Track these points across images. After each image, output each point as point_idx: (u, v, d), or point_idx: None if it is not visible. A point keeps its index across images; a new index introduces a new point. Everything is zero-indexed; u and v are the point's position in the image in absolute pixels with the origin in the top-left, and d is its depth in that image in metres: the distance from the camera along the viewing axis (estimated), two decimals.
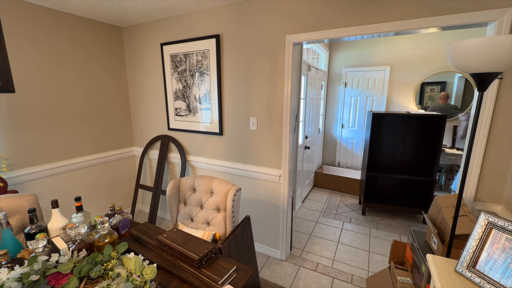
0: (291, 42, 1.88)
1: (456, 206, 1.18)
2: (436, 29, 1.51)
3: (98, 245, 1.08)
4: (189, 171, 2.71)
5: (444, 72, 3.46)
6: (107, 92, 2.71)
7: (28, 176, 2.13)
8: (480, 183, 1.56)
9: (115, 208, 1.35)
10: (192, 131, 2.56)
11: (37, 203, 1.45)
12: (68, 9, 2.21)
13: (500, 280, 0.87)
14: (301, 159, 3.25)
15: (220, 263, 1.07)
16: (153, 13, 2.31)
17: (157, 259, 1.12)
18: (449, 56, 1.08)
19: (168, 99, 2.64)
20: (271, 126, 2.11)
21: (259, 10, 1.96)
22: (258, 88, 2.10)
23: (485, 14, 1.36)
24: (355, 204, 3.53)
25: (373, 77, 3.96)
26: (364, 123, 4.19)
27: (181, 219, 1.79)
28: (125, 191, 3.04)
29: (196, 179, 1.79)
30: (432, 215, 1.52)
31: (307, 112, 3.34)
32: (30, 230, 1.12)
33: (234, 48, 2.14)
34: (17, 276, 0.80)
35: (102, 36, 2.59)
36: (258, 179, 2.26)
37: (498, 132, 1.47)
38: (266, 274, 2.14)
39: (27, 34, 2.04)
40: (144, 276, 0.85)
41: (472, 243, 0.96)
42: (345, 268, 2.20)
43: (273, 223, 2.29)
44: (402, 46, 3.66)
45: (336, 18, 1.72)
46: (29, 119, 2.12)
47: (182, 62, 2.44)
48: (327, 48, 4.11)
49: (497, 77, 1.03)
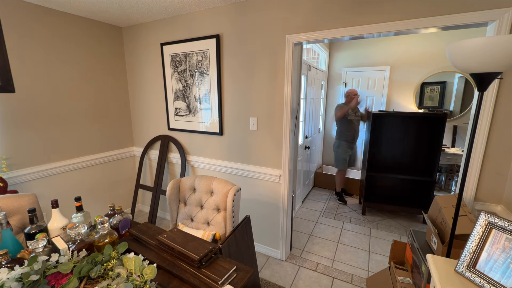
0: (291, 42, 1.88)
1: (456, 206, 1.18)
2: (436, 29, 1.51)
3: (98, 245, 1.08)
4: (189, 171, 2.71)
5: (444, 72, 3.46)
6: (107, 92, 2.71)
7: (28, 176, 2.13)
8: (480, 183, 1.56)
9: (115, 208, 1.35)
10: (192, 131, 2.56)
11: (37, 203, 1.45)
12: (68, 9, 2.21)
13: (500, 280, 0.87)
14: (301, 159, 3.25)
15: (220, 263, 1.07)
16: (153, 13, 2.31)
17: (157, 259, 1.12)
18: (449, 56, 1.08)
19: (168, 99, 2.64)
20: (271, 126, 2.11)
21: (259, 10, 1.96)
22: (258, 88, 2.10)
23: (485, 14, 1.36)
24: (355, 204, 3.52)
25: (373, 77, 3.96)
26: (364, 123, 4.18)
27: (181, 219, 1.79)
28: (125, 191, 3.04)
29: (196, 179, 1.79)
30: (432, 215, 1.52)
31: (307, 112, 3.34)
32: (30, 230, 1.12)
33: (234, 48, 2.14)
34: (17, 276, 0.80)
35: (102, 36, 2.59)
36: (258, 179, 2.26)
37: (498, 132, 1.47)
38: (266, 274, 2.14)
39: (28, 34, 2.04)
40: (144, 276, 0.85)
41: (472, 243, 0.96)
42: (345, 268, 2.20)
43: (273, 223, 2.29)
44: (402, 46, 3.65)
45: (336, 18, 1.72)
46: (29, 119, 2.12)
47: (182, 62, 2.44)
48: (327, 48, 4.10)
49: (497, 77, 1.03)
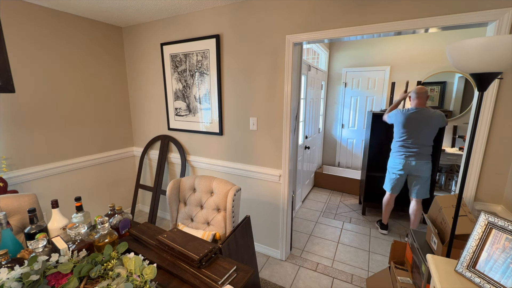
0: (291, 42, 1.88)
1: (456, 206, 1.18)
2: (436, 29, 1.51)
3: (98, 245, 1.08)
4: (189, 171, 2.71)
5: (444, 72, 3.46)
6: (107, 92, 2.71)
7: (28, 176, 2.13)
8: (480, 183, 1.56)
9: (115, 208, 1.35)
10: (192, 131, 2.56)
11: (37, 203, 1.45)
12: (68, 9, 2.21)
13: (500, 280, 0.87)
14: (301, 159, 3.25)
15: (220, 263, 1.07)
16: (153, 13, 2.31)
17: (157, 259, 1.12)
18: (449, 56, 1.08)
19: (168, 99, 2.64)
20: (271, 126, 2.11)
21: (259, 10, 1.96)
22: (258, 88, 2.10)
23: (485, 14, 1.36)
24: (355, 204, 3.52)
25: (373, 77, 3.96)
26: (364, 123, 4.19)
27: (181, 219, 1.79)
28: (125, 191, 3.04)
29: (196, 179, 1.79)
30: (432, 215, 1.52)
31: (307, 112, 3.34)
32: (30, 230, 1.12)
33: (234, 48, 2.13)
34: (17, 276, 0.80)
35: (102, 36, 2.59)
36: (258, 179, 2.26)
37: (498, 132, 1.47)
38: (266, 274, 2.14)
39: (28, 34, 2.04)
40: (144, 276, 0.85)
41: (472, 243, 0.96)
42: (345, 268, 2.20)
43: (273, 223, 2.29)
44: (402, 46, 3.65)
45: (336, 18, 1.72)
46: (29, 119, 2.12)
47: (182, 62, 2.44)
48: (327, 48, 4.10)
49: (497, 77, 1.03)
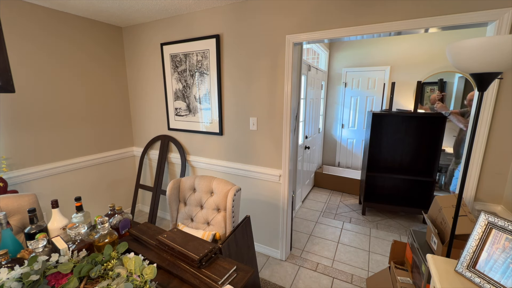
0: (291, 42, 1.88)
1: (456, 206, 1.17)
2: (436, 29, 1.51)
3: (98, 245, 1.08)
4: (189, 171, 2.71)
5: (444, 72, 3.46)
6: (107, 92, 2.71)
7: (28, 176, 2.13)
8: (480, 183, 1.56)
9: (115, 208, 1.35)
10: (192, 131, 2.56)
11: (37, 203, 1.45)
12: (68, 9, 2.21)
13: (500, 280, 0.87)
14: (301, 159, 3.25)
15: (220, 263, 1.07)
16: (153, 13, 2.31)
17: (157, 259, 1.12)
18: (449, 56, 1.08)
19: (168, 99, 2.64)
20: (271, 126, 2.11)
21: (259, 10, 1.96)
22: (258, 88, 2.10)
23: (485, 14, 1.36)
24: (355, 204, 3.52)
25: (373, 77, 3.96)
26: (364, 123, 4.19)
27: (181, 219, 1.79)
28: (125, 191, 3.04)
29: (196, 179, 1.79)
30: (432, 215, 1.52)
31: (307, 112, 3.34)
32: (30, 230, 1.12)
33: (234, 48, 2.13)
34: (17, 276, 0.80)
35: (102, 36, 2.59)
36: (258, 179, 2.26)
37: (498, 132, 1.47)
38: (266, 274, 2.14)
39: (28, 34, 2.04)
40: (144, 276, 0.85)
41: (472, 243, 0.96)
42: (345, 268, 2.20)
43: (273, 223, 2.29)
44: (402, 46, 3.66)
45: (336, 18, 1.72)
46: (29, 119, 2.12)
47: (182, 62, 2.44)
48: (327, 48, 4.10)
49: (497, 77, 1.03)
